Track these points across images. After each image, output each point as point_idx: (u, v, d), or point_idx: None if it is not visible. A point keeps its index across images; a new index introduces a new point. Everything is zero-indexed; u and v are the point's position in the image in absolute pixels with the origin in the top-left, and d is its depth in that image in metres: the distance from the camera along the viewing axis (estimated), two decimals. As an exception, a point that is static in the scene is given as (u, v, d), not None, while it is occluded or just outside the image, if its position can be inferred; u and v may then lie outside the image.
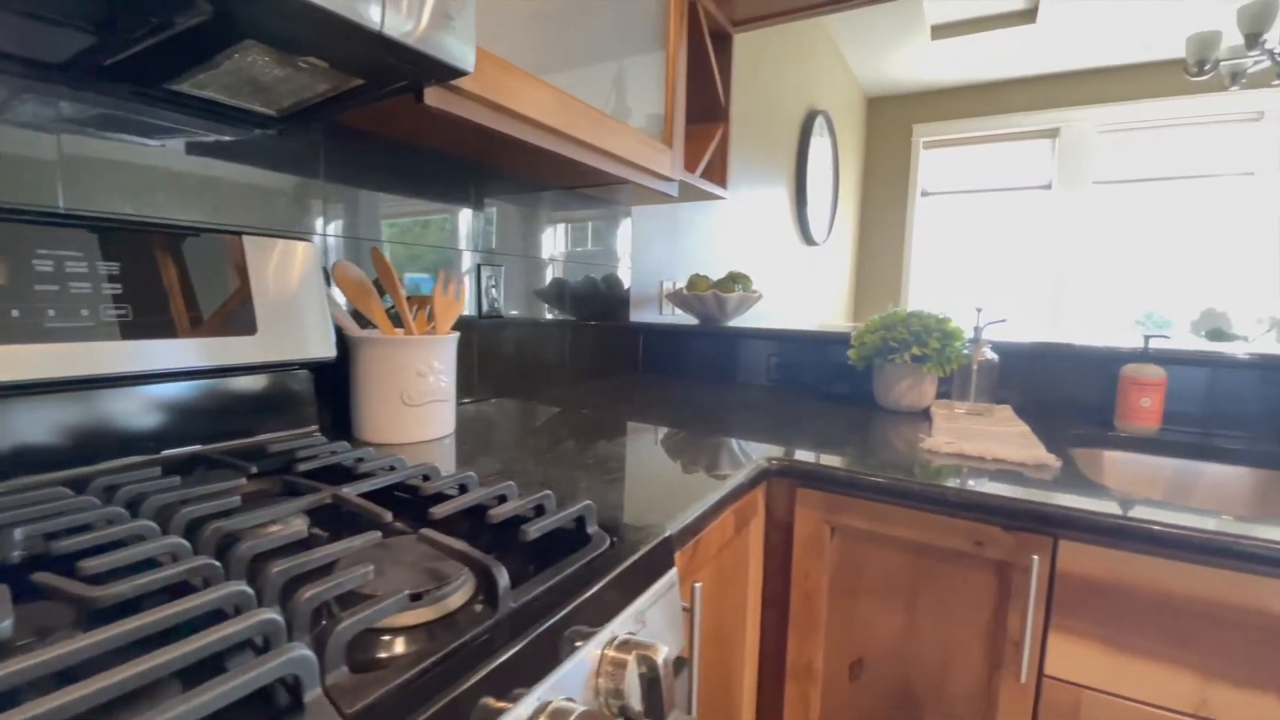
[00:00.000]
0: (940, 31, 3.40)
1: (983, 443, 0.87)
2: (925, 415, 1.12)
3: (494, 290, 1.18)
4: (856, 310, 4.71)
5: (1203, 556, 0.60)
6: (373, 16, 0.53)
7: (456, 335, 0.90)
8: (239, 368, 0.73)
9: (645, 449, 0.86)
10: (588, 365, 1.49)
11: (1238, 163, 3.53)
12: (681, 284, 1.83)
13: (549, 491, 0.55)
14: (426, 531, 0.47)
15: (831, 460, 0.82)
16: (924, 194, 4.42)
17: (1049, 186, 3.93)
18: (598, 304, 1.52)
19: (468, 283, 1.13)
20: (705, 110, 1.42)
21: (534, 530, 0.47)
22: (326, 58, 0.61)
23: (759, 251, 2.71)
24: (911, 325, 1.11)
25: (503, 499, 0.57)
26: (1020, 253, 4.14)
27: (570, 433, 0.94)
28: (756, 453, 0.85)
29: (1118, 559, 0.64)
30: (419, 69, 0.62)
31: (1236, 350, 1.04)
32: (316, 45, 0.58)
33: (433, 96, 0.69)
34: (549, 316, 1.35)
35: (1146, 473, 0.99)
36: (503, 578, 0.41)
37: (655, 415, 1.09)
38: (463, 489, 0.60)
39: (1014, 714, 0.70)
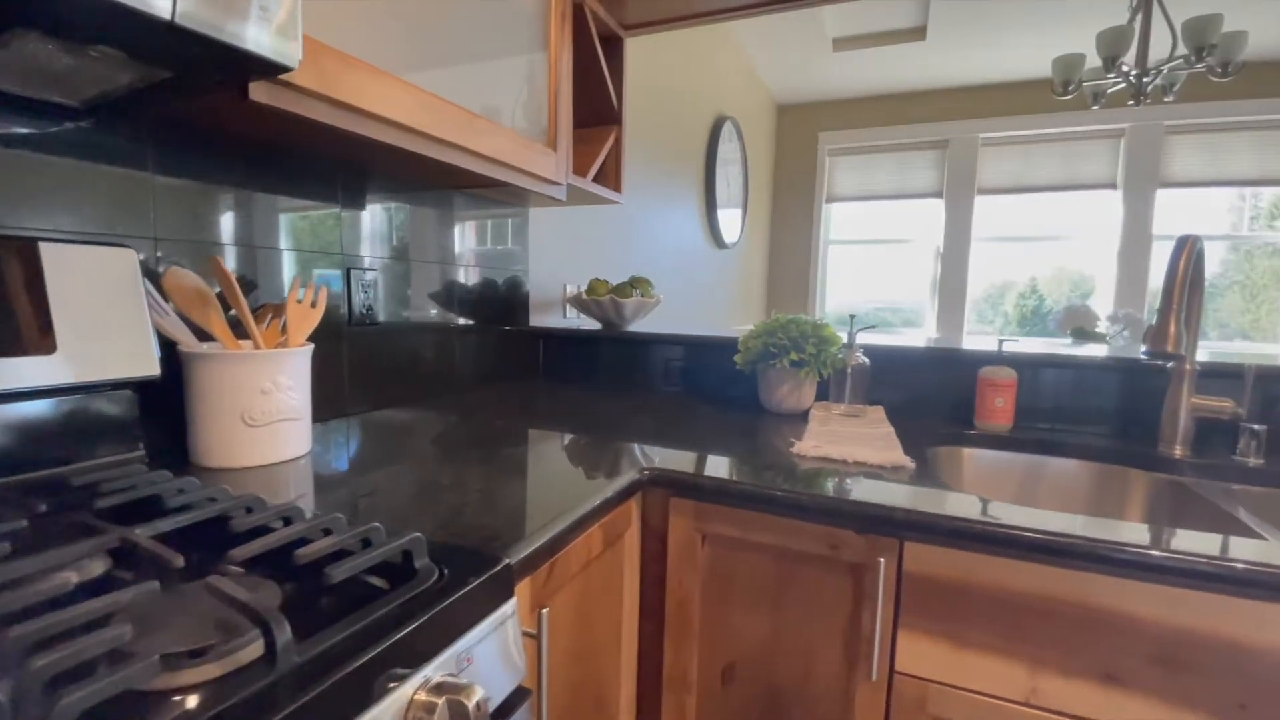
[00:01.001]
0: (841, 44, 3.55)
1: (847, 446, 0.90)
2: (805, 417, 1.15)
3: (368, 295, 1.11)
4: (770, 311, 4.85)
5: (1029, 554, 0.64)
6: (160, 4, 0.48)
7: (309, 348, 0.84)
8: (35, 391, 0.64)
9: (519, 462, 0.83)
10: (484, 372, 1.44)
11: (1102, 175, 3.89)
12: (585, 287, 1.81)
13: (377, 524, 0.52)
14: (212, 579, 0.42)
15: (704, 468, 0.82)
16: (830, 199, 4.61)
17: (940, 194, 4.19)
18: (495, 308, 1.47)
19: (357, 287, 1.07)
20: (597, 114, 1.41)
21: (339, 573, 0.44)
22: (119, 47, 0.54)
23: (670, 254, 2.73)
24: (790, 331, 1.14)
25: (328, 532, 0.53)
26: (916, 256, 4.40)
27: (443, 447, 0.90)
28: (635, 462, 0.84)
29: (956, 558, 0.67)
30: (232, 63, 0.57)
31: (1076, 352, 1.13)
32: (102, 34, 0.52)
33: (260, 92, 0.63)
34: (441, 321, 1.29)
35: (999, 468, 1.06)
36: (282, 631, 0.37)
37: (543, 424, 1.07)
38: (287, 522, 0.55)
39: (869, 710, 0.73)
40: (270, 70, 0.59)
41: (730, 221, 3.52)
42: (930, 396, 1.22)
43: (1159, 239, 3.79)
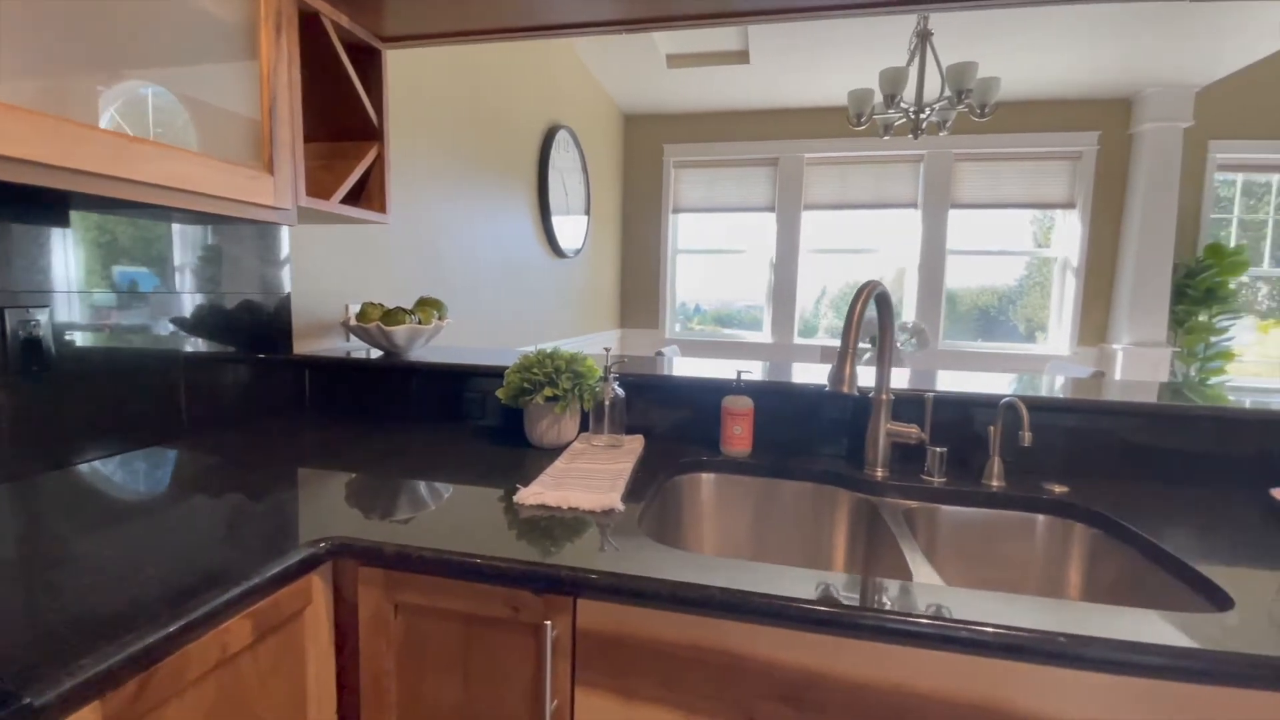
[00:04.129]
0: (674, 60, 3.66)
1: (568, 490, 0.89)
2: (563, 452, 1.14)
3: (32, 336, 0.94)
4: (624, 318, 4.92)
5: (672, 605, 0.66)
6: None
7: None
8: None
9: (181, 534, 0.74)
10: (231, 409, 1.29)
11: (906, 196, 4.34)
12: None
13: None
14: None
15: (408, 530, 0.77)
16: (676, 210, 4.75)
17: (773, 209, 4.47)
18: (245, 335, 1.33)
19: (15, 326, 0.90)
20: (353, 129, 1.31)
21: None
22: None
23: (497, 264, 2.65)
24: (545, 366, 1.13)
25: None
26: (754, 267, 4.66)
27: (101, 513, 0.77)
28: (325, 528, 0.77)
29: (620, 612, 0.68)
30: None
31: (801, 381, 1.21)
32: None
33: None
34: (166, 354, 1.13)
35: (733, 493, 1.12)
36: None
37: (265, 474, 0.96)
38: None
39: (553, 771, 0.72)
40: None
41: (572, 230, 3.51)
42: (691, 423, 1.26)
43: (952, 254, 4.30)
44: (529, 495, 0.88)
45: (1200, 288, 3.89)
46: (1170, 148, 3.84)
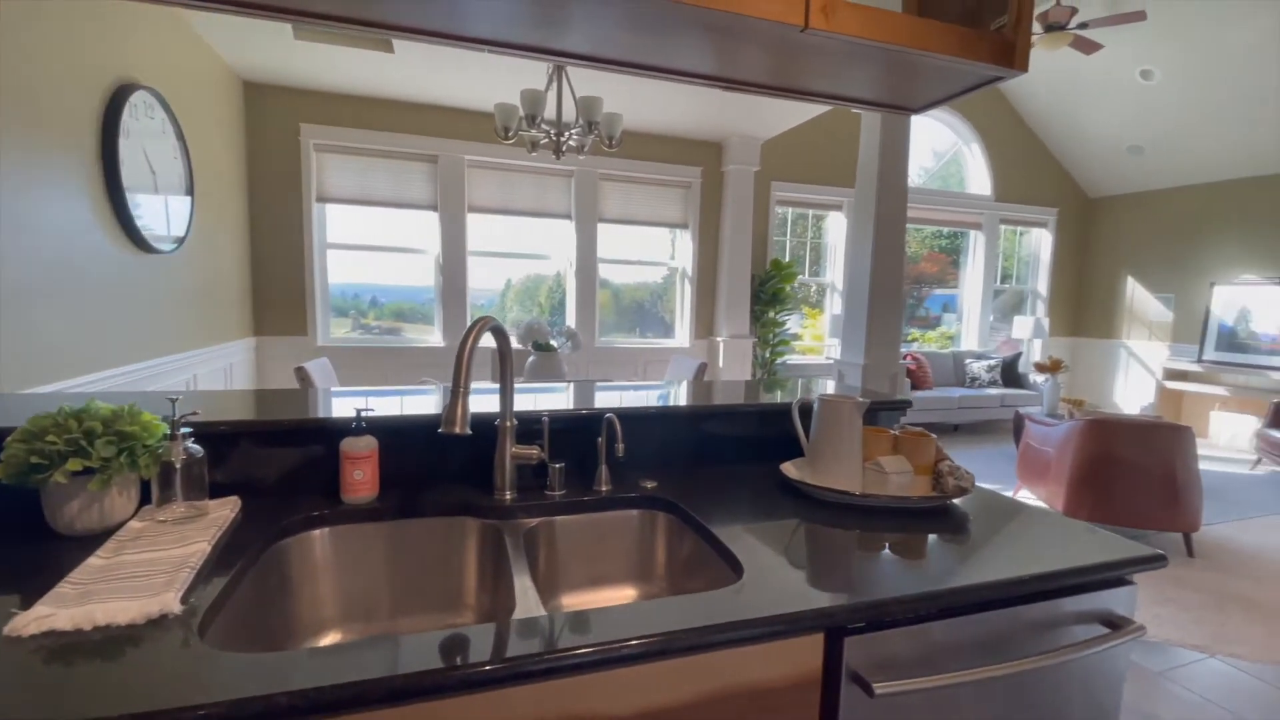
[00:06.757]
0: (302, 33, 3.21)
1: (94, 603, 0.69)
2: (112, 537, 0.89)
3: None
4: (260, 324, 4.17)
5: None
6: None
7: None
8: None
9: None
10: None
11: (561, 207, 4.67)
12: None
13: None
14: None
15: None
16: (322, 199, 4.22)
17: (435, 208, 4.33)
18: None
19: None
20: None
21: None
22: None
23: (30, 264, 1.94)
24: (68, 430, 0.86)
25: None
26: (414, 266, 4.46)
27: None
28: None
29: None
30: None
31: (428, 411, 1.20)
32: None
33: None
34: None
35: (358, 546, 1.04)
36: None
37: None
38: None
39: None
40: None
41: (166, 215, 2.79)
42: (305, 471, 1.12)
43: (603, 262, 4.80)
44: (28, 621, 0.65)
45: (769, 292, 5.15)
46: (746, 184, 4.97)
